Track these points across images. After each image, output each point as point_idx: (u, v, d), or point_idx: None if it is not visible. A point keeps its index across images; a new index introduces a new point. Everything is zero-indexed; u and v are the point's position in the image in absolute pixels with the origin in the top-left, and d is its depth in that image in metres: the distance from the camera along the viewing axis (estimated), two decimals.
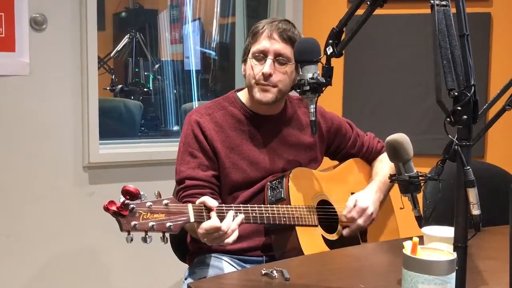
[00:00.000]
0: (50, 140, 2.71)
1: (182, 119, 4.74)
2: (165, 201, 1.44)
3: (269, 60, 1.84)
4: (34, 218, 2.70)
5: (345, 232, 1.90)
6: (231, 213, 1.57)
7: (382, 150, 2.12)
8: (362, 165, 2.13)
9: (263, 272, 1.44)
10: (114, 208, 1.35)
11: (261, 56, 1.86)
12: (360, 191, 1.96)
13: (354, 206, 1.89)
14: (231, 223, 1.56)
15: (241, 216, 1.60)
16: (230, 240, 1.56)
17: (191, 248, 1.98)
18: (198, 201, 1.56)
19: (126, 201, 1.36)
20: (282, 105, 1.99)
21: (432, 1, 1.18)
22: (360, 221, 1.88)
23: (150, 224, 1.39)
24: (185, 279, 1.91)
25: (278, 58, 1.85)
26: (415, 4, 2.98)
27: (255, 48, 1.87)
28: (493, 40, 3.04)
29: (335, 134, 2.09)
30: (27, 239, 2.70)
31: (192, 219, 1.50)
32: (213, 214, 1.54)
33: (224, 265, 1.85)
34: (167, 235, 1.43)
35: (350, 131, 2.12)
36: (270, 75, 1.84)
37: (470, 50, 1.14)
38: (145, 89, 5.14)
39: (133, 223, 1.37)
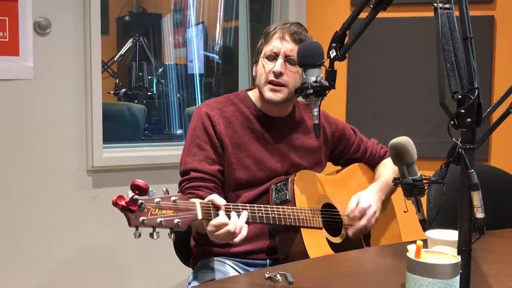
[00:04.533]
0: (54, 143, 2.72)
1: (185, 122, 4.75)
2: (173, 198, 1.44)
3: (280, 59, 1.86)
4: (38, 221, 2.70)
5: (350, 232, 1.90)
6: (233, 214, 1.57)
7: (386, 155, 2.13)
8: (365, 169, 2.14)
9: (267, 275, 1.44)
10: (123, 203, 1.35)
11: (273, 55, 1.87)
12: (362, 191, 1.96)
13: (356, 206, 1.89)
14: (237, 221, 1.56)
15: (245, 213, 1.60)
16: (238, 239, 1.56)
17: (195, 251, 1.98)
18: (206, 199, 1.56)
19: (135, 196, 1.36)
20: (291, 108, 1.99)
21: (435, 4, 1.17)
22: (364, 221, 1.88)
23: (159, 220, 1.40)
24: (189, 283, 1.91)
25: (289, 58, 1.86)
26: (418, 7, 2.98)
27: (267, 48, 1.89)
28: (496, 43, 3.04)
29: (338, 138, 2.09)
30: (30, 242, 2.70)
31: (199, 216, 1.50)
32: (221, 212, 1.55)
33: (228, 269, 1.85)
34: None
35: (354, 136, 2.12)
36: (280, 73, 1.85)
37: (474, 53, 1.13)
38: (149, 93, 5.15)
39: (141, 218, 1.37)
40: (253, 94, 1.99)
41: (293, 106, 2.01)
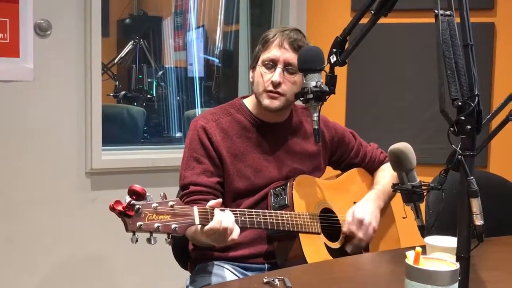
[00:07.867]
0: (53, 145, 2.71)
1: (185, 125, 4.75)
2: (170, 203, 1.44)
3: (278, 69, 1.85)
4: (36, 223, 2.70)
5: (348, 249, 1.89)
6: (217, 210, 1.56)
7: (385, 160, 2.12)
8: (364, 174, 2.13)
9: (265, 280, 1.43)
10: (120, 208, 1.35)
11: (271, 64, 1.86)
12: (358, 202, 1.95)
13: (353, 219, 1.88)
14: (222, 218, 1.54)
15: (229, 212, 1.58)
16: (234, 235, 1.56)
17: (193, 255, 1.98)
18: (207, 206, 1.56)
19: (132, 201, 1.36)
20: (288, 114, 1.99)
21: (436, 11, 1.18)
22: (360, 234, 1.87)
23: (156, 225, 1.39)
24: (187, 287, 1.91)
25: (288, 67, 1.85)
26: (419, 13, 2.98)
27: (265, 56, 1.87)
28: (496, 50, 3.04)
29: (338, 143, 2.09)
30: (29, 244, 2.70)
31: (197, 222, 1.50)
32: (216, 211, 1.54)
33: (226, 273, 1.84)
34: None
35: (353, 140, 2.12)
36: (279, 83, 1.84)
37: (474, 60, 1.14)
38: (148, 96, 5.15)
39: (138, 223, 1.37)
40: (249, 102, 1.98)
41: (291, 110, 2.00)
